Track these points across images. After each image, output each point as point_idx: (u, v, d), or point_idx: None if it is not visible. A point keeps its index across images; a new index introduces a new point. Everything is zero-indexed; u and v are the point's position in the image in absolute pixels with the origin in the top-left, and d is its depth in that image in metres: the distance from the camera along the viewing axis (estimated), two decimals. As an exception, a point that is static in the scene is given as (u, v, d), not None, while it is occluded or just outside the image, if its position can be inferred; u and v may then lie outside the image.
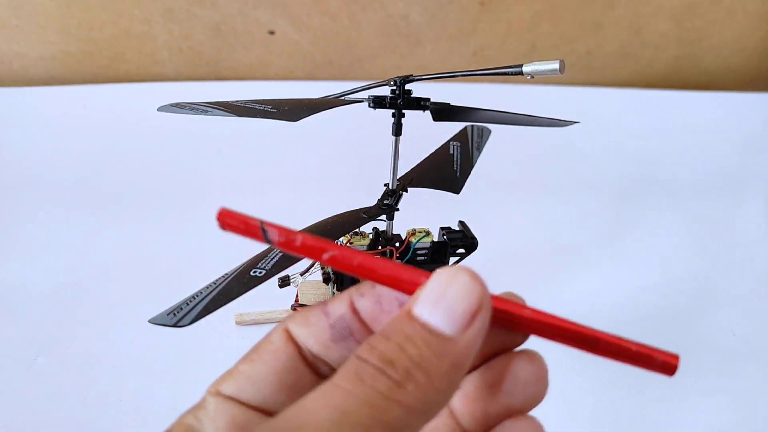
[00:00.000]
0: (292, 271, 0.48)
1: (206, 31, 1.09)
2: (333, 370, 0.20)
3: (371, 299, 0.20)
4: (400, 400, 0.16)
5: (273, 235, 0.20)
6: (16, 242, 0.75)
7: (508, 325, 0.20)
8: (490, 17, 1.14)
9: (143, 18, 1.06)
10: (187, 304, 0.36)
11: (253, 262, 0.40)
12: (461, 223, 0.58)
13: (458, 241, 0.55)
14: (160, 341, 0.59)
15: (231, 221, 0.20)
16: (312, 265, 0.56)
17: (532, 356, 0.21)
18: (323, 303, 0.21)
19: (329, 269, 0.55)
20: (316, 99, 0.46)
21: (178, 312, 0.36)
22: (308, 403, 0.16)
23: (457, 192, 0.55)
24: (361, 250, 0.53)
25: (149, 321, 0.36)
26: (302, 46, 1.13)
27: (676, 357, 0.20)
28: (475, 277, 0.18)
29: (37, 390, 0.54)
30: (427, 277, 0.18)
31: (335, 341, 0.20)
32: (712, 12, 1.19)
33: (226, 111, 0.43)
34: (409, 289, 0.19)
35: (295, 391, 0.20)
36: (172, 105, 0.44)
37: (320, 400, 0.16)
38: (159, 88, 1.09)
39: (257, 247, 0.43)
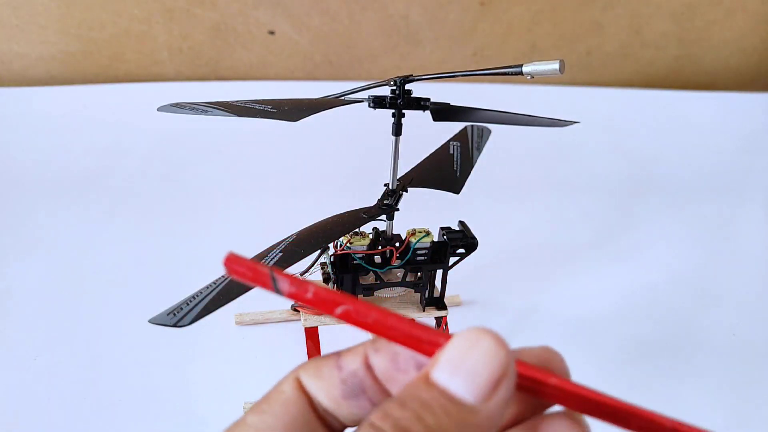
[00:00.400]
0: (292, 271, 0.47)
1: (206, 31, 1.09)
2: (344, 427, 0.20)
3: (387, 356, 0.19)
4: None
5: (283, 285, 0.18)
6: (16, 242, 0.75)
7: (533, 391, 0.18)
8: (490, 17, 1.14)
9: (143, 18, 1.06)
10: (187, 304, 0.36)
11: (253, 262, 0.40)
12: (461, 223, 0.58)
13: (458, 241, 0.55)
14: (160, 341, 0.59)
15: (239, 268, 0.19)
16: (312, 265, 0.56)
17: (572, 417, 0.19)
18: (337, 354, 0.20)
19: (329, 269, 0.55)
20: (316, 99, 0.46)
21: (178, 312, 0.36)
22: None
23: (457, 192, 0.55)
24: (361, 250, 0.53)
25: (149, 321, 0.36)
26: (302, 46, 1.13)
27: None
28: (500, 341, 0.17)
29: (37, 390, 0.54)
30: (447, 338, 0.17)
31: (346, 398, 0.19)
32: (712, 12, 1.19)
33: (226, 111, 0.43)
34: (428, 350, 0.17)
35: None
36: (172, 105, 0.44)
37: None
38: (159, 88, 1.09)
39: (257, 248, 0.43)
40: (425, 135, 0.59)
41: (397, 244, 0.54)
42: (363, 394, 0.19)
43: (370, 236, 0.54)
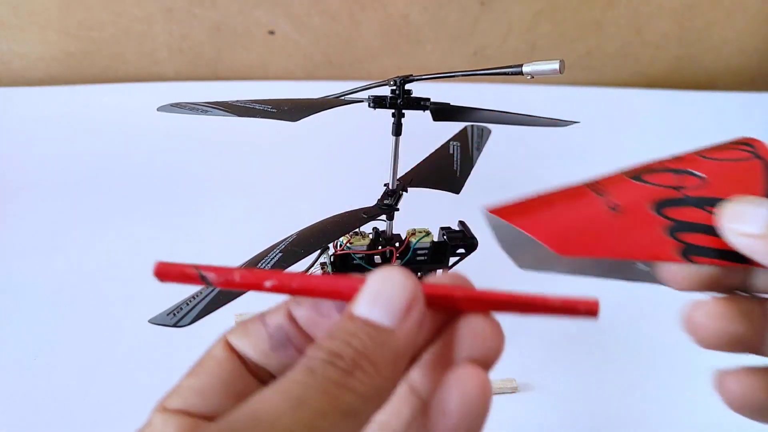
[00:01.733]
0: (291, 270, 0.47)
1: (206, 31, 1.09)
2: (274, 378, 0.21)
3: (308, 307, 0.21)
4: (351, 387, 0.17)
5: (212, 277, 0.21)
6: (16, 242, 0.75)
7: (444, 307, 0.21)
8: (490, 17, 1.14)
9: (143, 18, 1.06)
10: (187, 304, 0.36)
11: (253, 263, 0.40)
12: (461, 223, 0.58)
13: (458, 241, 0.55)
14: (160, 341, 0.59)
15: (169, 273, 0.21)
16: (312, 265, 0.56)
17: (477, 316, 0.21)
18: (261, 314, 0.22)
19: (329, 268, 0.55)
20: (316, 99, 0.46)
21: (178, 312, 0.36)
22: (264, 396, 0.17)
23: (457, 192, 0.55)
24: (361, 250, 0.53)
25: (149, 321, 0.36)
26: (302, 46, 1.13)
27: (595, 302, 0.22)
28: (407, 273, 0.20)
29: (37, 390, 0.54)
30: (364, 282, 0.20)
31: (274, 350, 0.21)
32: (712, 12, 1.19)
33: (226, 111, 0.43)
34: (350, 295, 0.20)
35: (242, 398, 0.20)
36: (172, 105, 0.44)
37: (275, 393, 0.17)
38: (159, 88, 1.09)
39: (256, 248, 0.43)
40: (425, 135, 0.59)
41: (397, 244, 0.54)
42: (289, 343, 0.21)
43: (370, 236, 0.54)
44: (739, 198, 0.24)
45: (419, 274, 0.57)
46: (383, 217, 0.52)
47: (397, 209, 0.52)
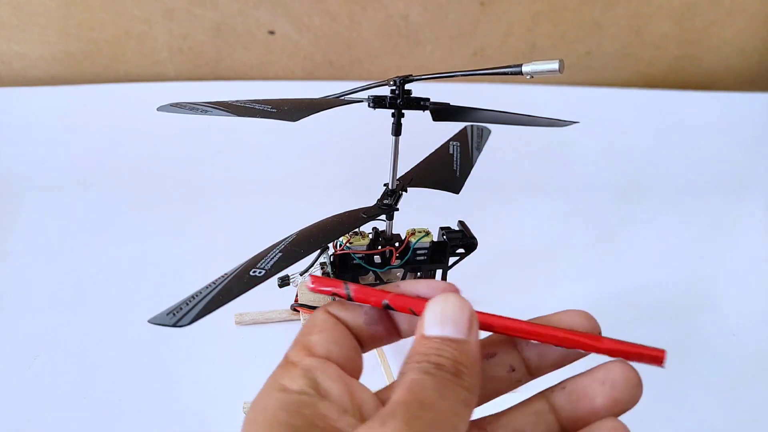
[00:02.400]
0: (291, 270, 0.48)
1: (206, 31, 1.09)
2: (367, 345, 0.27)
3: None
4: (462, 385, 0.22)
5: (352, 291, 0.27)
6: (16, 242, 0.75)
7: (486, 328, 0.26)
8: (490, 17, 1.14)
9: (143, 18, 1.06)
10: (187, 304, 0.36)
11: (253, 262, 0.40)
12: (461, 223, 0.58)
13: (458, 241, 0.55)
14: (160, 341, 0.59)
15: (321, 286, 0.27)
16: (311, 265, 0.56)
17: (620, 364, 0.26)
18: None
19: (329, 269, 0.55)
20: (316, 99, 0.46)
21: (177, 312, 0.36)
22: (410, 386, 0.21)
23: (457, 192, 0.55)
24: (361, 249, 0.53)
25: (149, 321, 0.36)
26: (302, 46, 1.13)
27: (662, 351, 0.25)
28: (461, 297, 0.24)
29: (37, 390, 0.54)
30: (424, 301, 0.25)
31: (368, 324, 0.27)
32: (712, 12, 1.19)
33: (226, 111, 0.43)
34: (418, 305, 0.25)
35: (357, 352, 0.26)
36: (172, 105, 0.44)
37: (419, 386, 0.21)
38: (159, 88, 1.09)
39: (256, 248, 0.43)
40: (425, 135, 0.59)
41: (396, 244, 0.54)
42: (379, 321, 0.27)
43: (370, 236, 0.54)
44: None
45: (419, 274, 0.57)
46: (383, 216, 0.52)
47: (397, 209, 0.52)
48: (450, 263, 0.57)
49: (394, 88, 0.46)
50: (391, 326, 0.28)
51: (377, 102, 0.46)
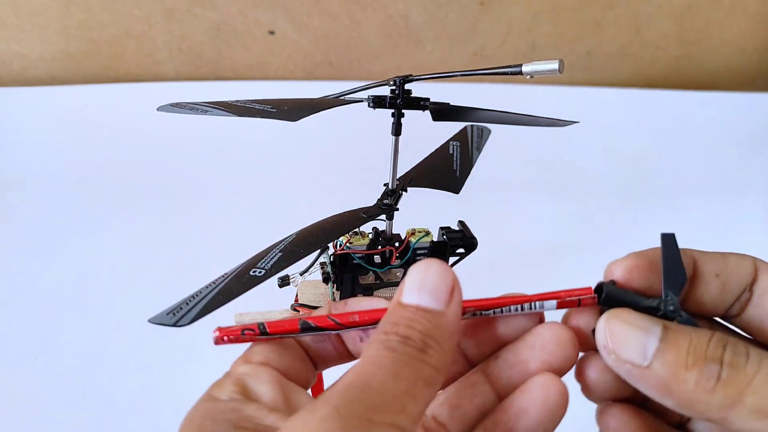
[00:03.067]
0: (291, 270, 0.48)
1: (206, 31, 1.09)
2: (320, 365, 0.27)
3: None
4: (427, 362, 0.20)
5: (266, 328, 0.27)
6: (16, 242, 0.75)
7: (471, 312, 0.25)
8: (490, 17, 1.14)
9: (143, 18, 1.06)
10: (187, 304, 0.36)
11: (253, 262, 0.40)
12: (461, 222, 0.58)
13: (458, 241, 0.55)
14: (160, 341, 0.59)
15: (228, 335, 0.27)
16: (311, 265, 0.56)
17: (554, 325, 0.25)
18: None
19: (329, 269, 0.55)
20: (315, 99, 0.46)
21: (177, 311, 0.36)
22: (363, 368, 0.20)
23: (457, 192, 0.55)
24: (361, 249, 0.53)
25: (149, 321, 0.36)
26: (302, 46, 1.13)
27: (589, 288, 0.25)
28: (445, 265, 0.23)
29: (37, 390, 0.54)
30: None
31: (314, 342, 0.27)
32: (712, 12, 1.19)
33: (226, 111, 0.43)
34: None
35: (303, 361, 0.26)
36: (172, 105, 0.44)
37: (372, 367, 0.20)
38: (159, 88, 1.09)
39: (256, 248, 0.43)
40: (425, 135, 0.59)
41: (396, 244, 0.54)
42: (326, 339, 0.27)
43: (370, 236, 0.54)
44: (625, 318, 0.23)
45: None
46: (383, 216, 0.52)
47: (397, 209, 0.52)
48: (450, 263, 0.57)
49: (394, 88, 0.46)
50: (340, 345, 0.27)
51: (377, 102, 0.46)
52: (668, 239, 0.25)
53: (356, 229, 0.54)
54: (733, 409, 0.20)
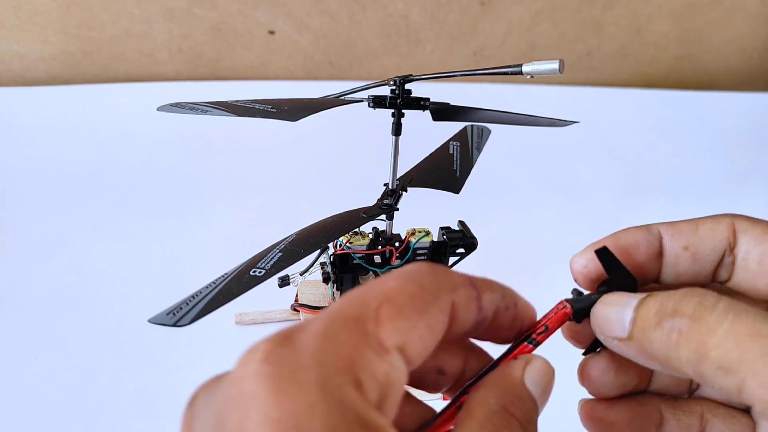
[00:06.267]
0: (291, 270, 0.48)
1: (206, 31, 1.09)
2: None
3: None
4: None
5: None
6: (16, 242, 0.75)
7: None
8: (490, 17, 1.14)
9: (143, 18, 1.06)
10: (187, 304, 0.36)
11: (253, 262, 0.40)
12: (461, 222, 0.58)
13: (458, 241, 0.55)
14: (160, 341, 0.59)
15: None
16: (312, 265, 0.56)
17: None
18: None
19: (329, 269, 0.55)
20: (315, 99, 0.46)
21: (177, 312, 0.36)
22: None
23: (457, 192, 0.55)
24: (361, 249, 0.53)
25: (149, 321, 0.36)
26: (302, 46, 1.13)
27: (561, 302, 0.25)
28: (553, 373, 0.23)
29: (37, 390, 0.54)
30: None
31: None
32: (712, 12, 1.19)
33: (226, 111, 0.43)
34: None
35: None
36: (172, 105, 0.44)
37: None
38: (159, 88, 1.09)
39: (256, 248, 0.43)
40: (425, 135, 0.59)
41: (396, 244, 0.54)
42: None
43: (370, 236, 0.54)
44: (606, 300, 0.24)
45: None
46: (383, 216, 0.52)
47: (397, 209, 0.52)
48: (450, 263, 0.57)
49: (394, 88, 0.46)
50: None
51: (377, 102, 0.46)
52: (603, 253, 0.25)
53: (356, 229, 0.54)
54: (702, 364, 0.20)
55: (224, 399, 0.16)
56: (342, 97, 0.47)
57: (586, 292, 0.27)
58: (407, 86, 0.46)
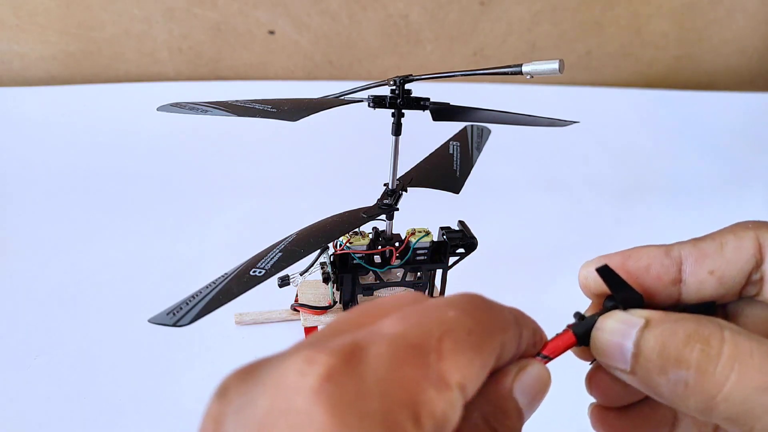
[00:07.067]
0: (291, 270, 0.48)
1: (206, 31, 1.09)
2: None
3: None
4: None
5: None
6: (16, 242, 0.75)
7: None
8: (490, 17, 1.14)
9: (143, 18, 1.06)
10: (187, 304, 0.36)
11: (253, 262, 0.40)
12: (461, 222, 0.58)
13: (458, 241, 0.55)
14: (160, 341, 0.59)
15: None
16: (312, 265, 0.56)
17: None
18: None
19: (329, 269, 0.55)
20: (315, 99, 0.46)
21: (177, 311, 0.36)
22: None
23: (457, 192, 0.55)
24: (361, 249, 0.53)
25: (149, 320, 0.36)
26: (302, 46, 1.13)
27: (567, 331, 0.24)
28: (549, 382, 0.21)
29: (37, 390, 0.54)
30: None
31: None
32: (712, 12, 1.19)
33: (226, 111, 0.43)
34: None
35: None
36: (172, 105, 0.44)
37: None
38: (159, 88, 1.09)
39: (256, 248, 0.43)
40: (425, 135, 0.59)
41: (396, 244, 0.54)
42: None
43: (370, 236, 0.54)
44: (603, 326, 0.23)
45: (419, 274, 0.57)
46: (383, 216, 0.52)
47: (397, 209, 0.52)
48: (450, 263, 0.57)
49: (394, 88, 0.46)
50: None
51: (377, 102, 0.46)
52: (604, 271, 0.24)
53: (356, 229, 0.54)
54: (711, 413, 0.19)
55: (270, 409, 0.15)
56: (342, 97, 0.47)
57: (592, 307, 0.27)
58: (407, 86, 0.46)
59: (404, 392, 0.15)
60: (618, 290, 0.23)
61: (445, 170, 0.57)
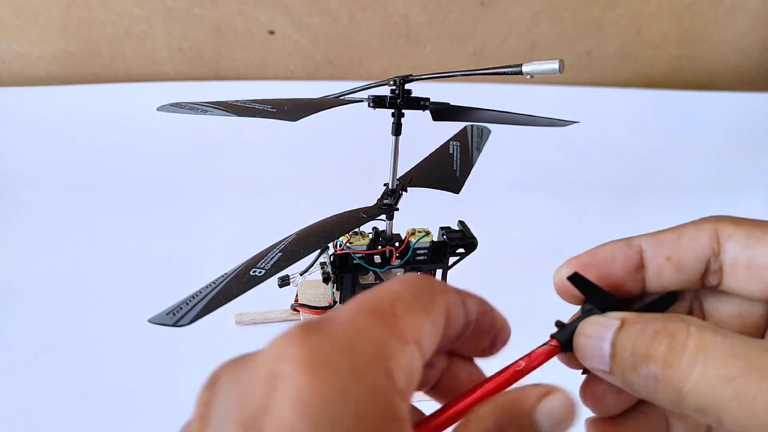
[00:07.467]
0: (291, 270, 0.48)
1: (206, 31, 1.09)
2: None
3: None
4: None
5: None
6: (16, 242, 0.75)
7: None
8: (490, 17, 1.14)
9: (143, 18, 1.06)
10: (187, 304, 0.36)
11: (253, 262, 0.40)
12: (461, 222, 0.58)
13: (458, 241, 0.56)
14: (160, 341, 0.59)
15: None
16: (311, 265, 0.56)
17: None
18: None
19: (329, 269, 0.55)
20: (315, 99, 0.46)
21: (177, 311, 0.36)
22: None
23: (457, 192, 0.55)
24: (361, 249, 0.53)
25: (149, 320, 0.36)
26: (302, 46, 1.13)
27: (552, 339, 0.24)
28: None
29: (37, 390, 0.54)
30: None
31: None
32: (712, 12, 1.19)
33: (226, 111, 0.43)
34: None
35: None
36: (172, 105, 0.44)
37: None
38: (159, 88, 1.09)
39: (256, 248, 0.43)
40: (425, 135, 0.59)
41: (396, 244, 0.54)
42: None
43: (370, 236, 0.54)
44: (583, 330, 0.24)
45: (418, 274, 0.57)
46: (383, 216, 0.52)
47: (397, 209, 0.52)
48: (450, 263, 0.57)
49: (394, 88, 0.46)
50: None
51: (377, 102, 0.46)
52: (575, 279, 0.25)
53: (356, 229, 0.54)
54: (681, 405, 0.20)
55: (253, 378, 0.17)
56: (342, 97, 0.47)
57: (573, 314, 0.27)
58: (407, 86, 0.46)
59: (372, 348, 0.17)
60: (591, 295, 0.24)
61: (445, 170, 0.57)
